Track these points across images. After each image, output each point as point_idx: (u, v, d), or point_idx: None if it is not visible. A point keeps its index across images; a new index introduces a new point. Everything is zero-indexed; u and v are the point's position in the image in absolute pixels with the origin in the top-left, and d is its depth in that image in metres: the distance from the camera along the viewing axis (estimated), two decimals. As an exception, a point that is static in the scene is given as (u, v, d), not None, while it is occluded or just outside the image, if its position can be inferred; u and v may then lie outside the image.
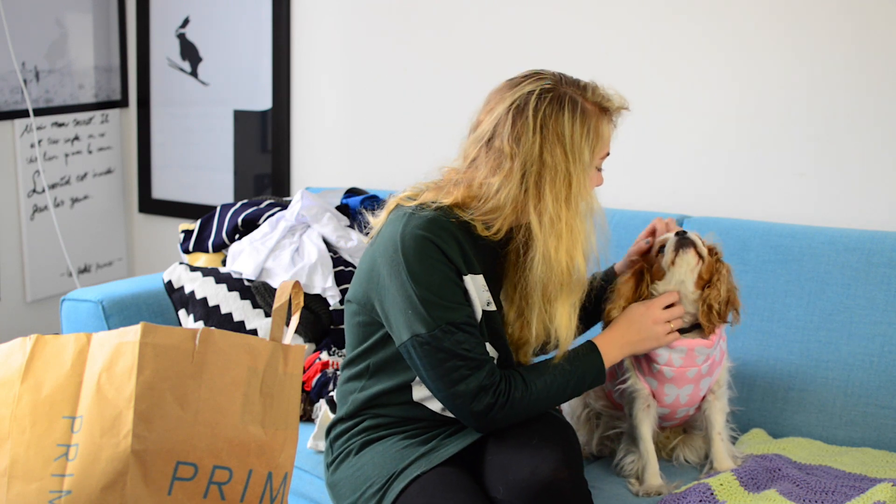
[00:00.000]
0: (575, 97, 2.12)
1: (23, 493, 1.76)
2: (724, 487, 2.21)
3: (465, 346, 2.10)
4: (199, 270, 2.95)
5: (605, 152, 2.18)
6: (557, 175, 2.09)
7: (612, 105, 2.16)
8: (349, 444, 2.24)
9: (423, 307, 2.09)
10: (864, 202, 2.79)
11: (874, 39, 2.75)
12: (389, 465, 2.15)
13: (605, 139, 2.16)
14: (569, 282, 2.13)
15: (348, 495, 2.19)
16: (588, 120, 2.12)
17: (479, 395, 2.11)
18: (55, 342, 1.82)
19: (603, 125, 2.14)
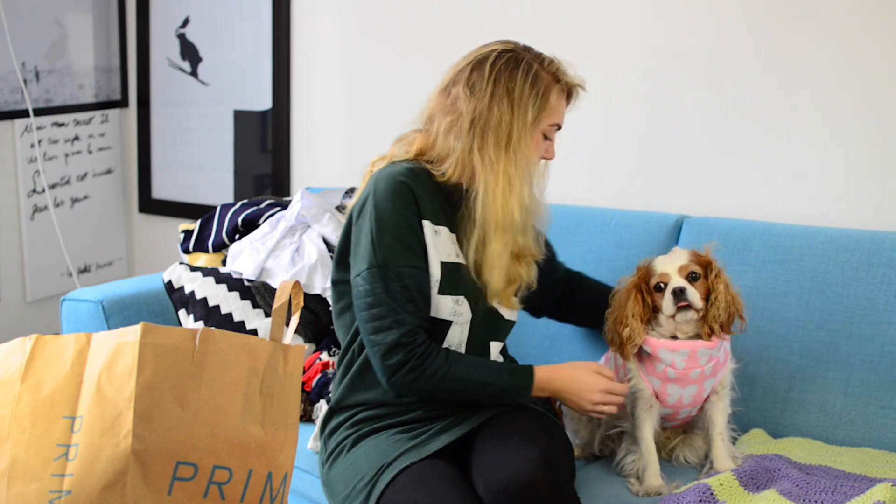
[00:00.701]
0: (532, 62, 2.26)
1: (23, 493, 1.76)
2: (723, 487, 2.21)
3: (401, 294, 2.16)
4: (199, 270, 2.95)
5: (555, 122, 2.28)
6: (501, 125, 2.21)
7: (564, 77, 2.29)
8: (344, 441, 2.26)
9: (374, 243, 2.18)
10: (864, 202, 2.79)
11: (874, 39, 2.75)
12: (379, 458, 2.17)
13: (553, 106, 2.26)
14: (501, 224, 2.21)
15: (341, 490, 2.21)
16: (538, 83, 2.24)
17: (393, 350, 2.16)
18: (55, 342, 1.82)
19: (553, 93, 2.26)
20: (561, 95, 2.28)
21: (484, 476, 2.08)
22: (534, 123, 2.23)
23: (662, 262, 2.35)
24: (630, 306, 2.32)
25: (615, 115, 3.11)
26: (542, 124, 2.25)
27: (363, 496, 2.14)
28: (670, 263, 2.34)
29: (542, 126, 2.25)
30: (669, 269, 2.33)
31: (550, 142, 2.30)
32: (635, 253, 2.80)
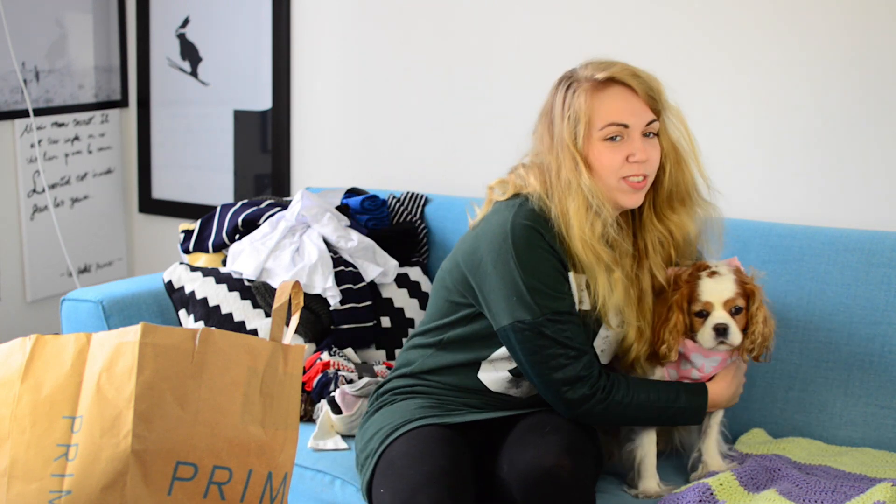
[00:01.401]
0: (570, 76, 2.20)
1: (23, 493, 1.76)
2: (723, 487, 2.21)
3: (566, 334, 2.15)
4: (200, 270, 2.95)
5: (605, 122, 2.15)
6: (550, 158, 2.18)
7: (598, 76, 2.16)
8: (394, 397, 2.33)
9: (529, 294, 2.14)
10: (864, 202, 2.79)
11: (874, 39, 2.75)
12: (410, 414, 2.24)
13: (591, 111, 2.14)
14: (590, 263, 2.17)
15: (368, 434, 2.27)
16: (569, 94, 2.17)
17: (575, 384, 2.16)
18: (55, 342, 1.82)
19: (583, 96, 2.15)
20: (596, 92, 2.15)
21: (509, 459, 2.12)
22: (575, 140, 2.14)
23: (709, 289, 2.24)
24: (671, 325, 2.24)
25: (615, 115, 3.11)
26: (592, 133, 2.14)
27: (379, 441, 2.20)
28: (717, 293, 2.24)
29: (593, 135, 2.14)
30: (715, 299, 2.24)
31: (623, 144, 2.15)
32: (635, 253, 2.80)
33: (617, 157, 2.14)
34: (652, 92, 2.16)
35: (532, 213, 2.17)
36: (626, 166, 2.14)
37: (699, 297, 2.23)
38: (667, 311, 2.24)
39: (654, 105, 2.17)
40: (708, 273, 2.25)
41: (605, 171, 2.14)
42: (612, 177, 2.15)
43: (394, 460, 2.14)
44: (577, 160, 2.13)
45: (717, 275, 2.25)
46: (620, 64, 2.17)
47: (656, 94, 2.17)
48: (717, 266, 2.28)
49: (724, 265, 2.29)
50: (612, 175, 2.15)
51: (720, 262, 2.31)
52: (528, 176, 2.22)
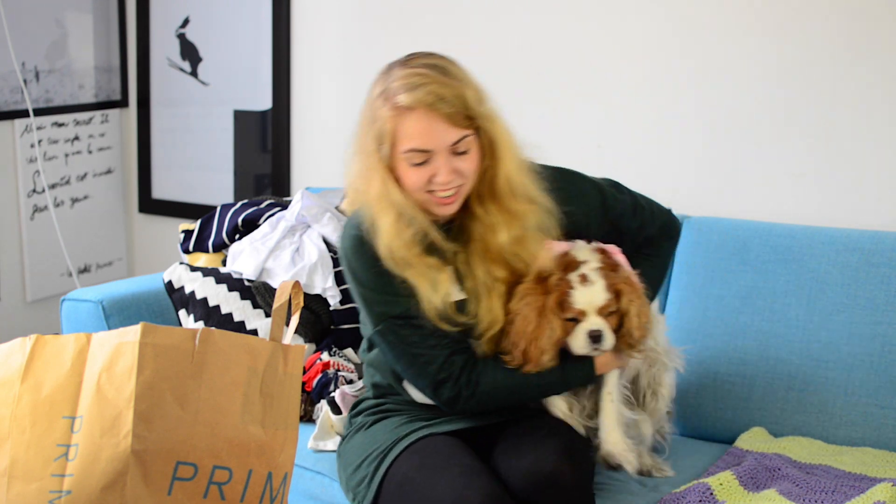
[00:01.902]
0: (391, 83, 2.08)
1: (23, 493, 1.76)
2: (723, 487, 2.21)
3: (411, 339, 2.14)
4: (200, 270, 2.95)
5: (407, 147, 2.06)
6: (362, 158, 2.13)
7: (401, 101, 2.05)
8: (367, 419, 2.30)
9: (366, 305, 2.17)
10: (864, 202, 2.79)
11: (875, 39, 2.74)
12: (397, 431, 2.21)
13: (395, 134, 2.06)
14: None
15: (354, 460, 2.24)
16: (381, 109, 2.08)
17: (439, 388, 2.16)
18: (55, 342, 1.82)
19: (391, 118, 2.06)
20: (400, 117, 2.05)
21: (507, 463, 2.11)
22: (378, 152, 2.08)
23: (581, 298, 2.15)
24: (548, 333, 2.14)
25: (615, 116, 3.11)
26: (396, 152, 2.07)
27: (374, 465, 2.18)
28: (590, 301, 2.15)
29: (398, 154, 2.07)
30: (588, 307, 2.15)
31: (427, 166, 2.07)
32: (635, 253, 2.80)
33: (421, 178, 2.08)
34: (459, 109, 2.05)
35: (360, 222, 2.14)
36: (431, 185, 2.09)
37: (571, 306, 2.15)
38: (539, 318, 2.13)
39: (463, 122, 2.06)
40: (579, 278, 2.15)
41: (412, 189, 2.09)
42: (420, 193, 2.10)
43: (409, 476, 2.11)
44: (385, 175, 2.09)
45: (588, 281, 2.15)
46: (428, 84, 2.04)
47: (465, 108, 2.06)
48: (585, 264, 2.17)
49: (592, 259, 2.18)
50: (419, 192, 2.09)
51: (586, 252, 2.20)
52: (350, 170, 2.20)
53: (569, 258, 2.19)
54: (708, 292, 2.71)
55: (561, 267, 2.17)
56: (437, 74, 2.06)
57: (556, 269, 2.17)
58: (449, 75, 2.07)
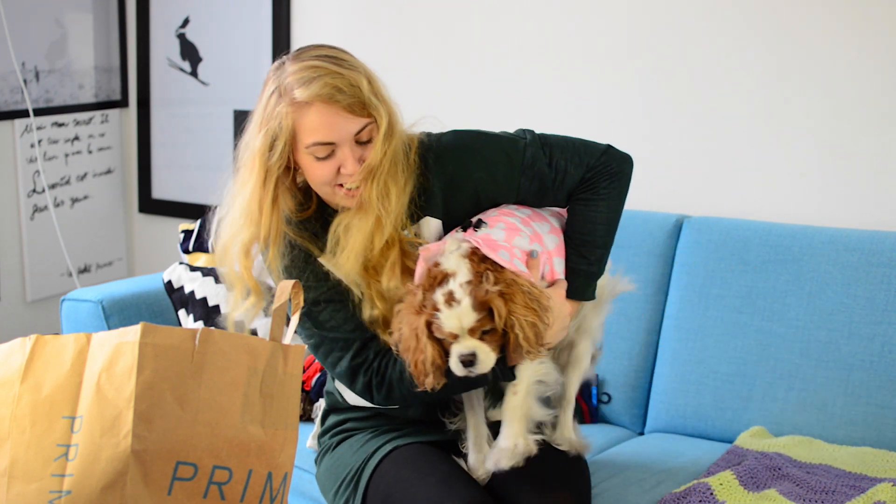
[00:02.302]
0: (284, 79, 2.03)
1: (23, 493, 1.76)
2: (723, 487, 2.21)
3: (330, 323, 2.11)
4: (199, 270, 2.95)
5: (310, 141, 2.01)
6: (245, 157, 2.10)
7: (297, 95, 2.01)
8: (331, 440, 2.28)
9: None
10: (864, 202, 2.79)
11: (876, 39, 2.75)
12: (365, 449, 2.18)
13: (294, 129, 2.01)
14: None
15: (330, 486, 2.23)
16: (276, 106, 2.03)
17: (353, 376, 2.12)
18: (55, 342, 1.82)
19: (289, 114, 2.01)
20: (297, 112, 2.01)
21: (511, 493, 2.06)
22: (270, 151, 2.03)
23: (449, 322, 1.98)
24: (430, 355, 1.99)
25: (615, 115, 3.11)
26: (298, 147, 2.03)
27: (351, 487, 2.16)
28: (458, 324, 1.98)
29: (300, 149, 2.03)
30: (458, 329, 1.98)
31: (333, 159, 2.03)
32: (635, 253, 2.80)
33: (328, 171, 2.03)
34: (357, 98, 2.01)
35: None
36: (339, 176, 2.04)
37: (441, 328, 1.98)
38: (418, 341, 2.00)
39: (361, 109, 2.03)
40: (444, 297, 1.97)
41: (317, 183, 2.06)
42: (326, 186, 2.06)
43: (388, 492, 2.08)
44: (254, 172, 2.05)
45: (454, 301, 1.97)
46: (323, 76, 2.00)
47: (362, 97, 2.02)
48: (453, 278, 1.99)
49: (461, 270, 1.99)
50: (325, 185, 2.06)
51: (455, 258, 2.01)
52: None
53: (437, 272, 2.00)
54: (708, 292, 2.71)
55: (428, 283, 2.01)
56: (330, 65, 2.02)
57: (424, 284, 2.01)
58: (342, 65, 2.04)
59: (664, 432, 2.74)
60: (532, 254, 2.07)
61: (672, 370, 2.73)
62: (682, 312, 2.74)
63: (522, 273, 2.02)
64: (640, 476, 2.40)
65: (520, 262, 2.04)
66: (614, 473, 2.39)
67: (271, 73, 2.08)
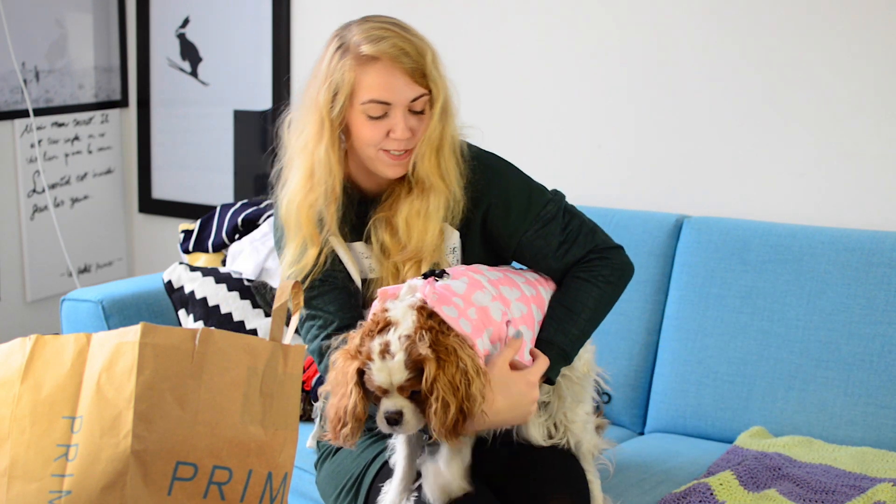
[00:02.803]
0: (342, 37, 2.07)
1: (23, 493, 1.76)
2: (723, 487, 2.21)
3: (315, 301, 2.12)
4: (199, 270, 2.95)
5: (366, 98, 2.02)
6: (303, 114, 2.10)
7: (364, 50, 2.03)
8: (331, 444, 2.26)
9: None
10: (864, 202, 2.79)
11: (876, 39, 2.75)
12: (364, 456, 2.17)
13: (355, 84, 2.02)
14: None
15: (331, 491, 2.21)
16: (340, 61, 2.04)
17: (320, 356, 2.12)
18: (55, 342, 1.82)
19: (352, 68, 2.02)
20: (361, 66, 2.02)
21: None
22: (332, 105, 2.04)
23: (380, 375, 1.87)
24: (354, 403, 1.90)
25: (615, 115, 3.11)
26: (354, 104, 2.04)
27: (352, 495, 2.15)
28: (387, 379, 1.88)
29: (356, 106, 2.04)
30: (388, 384, 1.88)
31: (384, 120, 2.04)
32: (635, 253, 2.80)
33: (377, 133, 2.04)
34: (419, 66, 2.04)
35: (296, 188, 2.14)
36: (386, 141, 2.05)
37: (371, 380, 1.89)
38: (345, 386, 1.91)
39: (421, 80, 2.05)
40: (380, 348, 1.87)
41: (363, 143, 2.06)
42: (372, 148, 2.06)
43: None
44: (323, 127, 2.06)
45: (388, 354, 1.87)
46: (391, 37, 2.04)
47: (424, 66, 2.05)
48: (394, 329, 1.89)
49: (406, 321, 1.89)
50: (371, 147, 2.06)
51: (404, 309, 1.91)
52: (285, 131, 2.19)
53: (381, 317, 1.91)
54: (708, 292, 2.71)
55: (368, 329, 1.91)
56: (399, 30, 2.07)
57: (365, 330, 1.92)
58: (410, 32, 2.08)
59: (664, 432, 2.74)
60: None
61: (672, 370, 2.73)
62: (682, 312, 2.74)
63: (469, 338, 1.89)
64: (640, 476, 2.40)
65: (466, 323, 1.91)
66: (614, 473, 2.39)
67: (335, 34, 2.11)
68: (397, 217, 2.10)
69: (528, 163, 3.20)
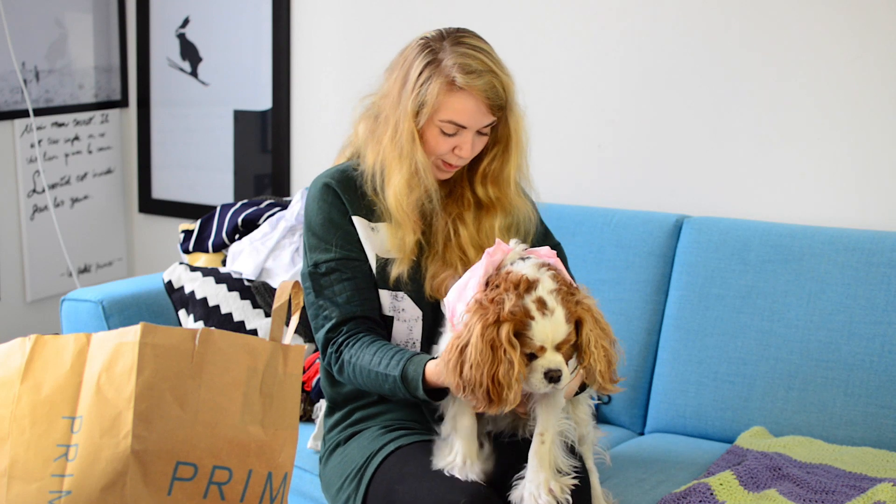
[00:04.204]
0: (437, 52, 2.18)
1: (23, 493, 1.76)
2: (723, 487, 2.21)
3: (334, 287, 2.19)
4: (199, 270, 2.95)
5: (446, 118, 2.16)
6: (389, 114, 2.20)
7: (458, 75, 2.15)
8: (339, 436, 2.28)
9: (306, 245, 2.24)
10: (864, 202, 2.79)
11: (875, 39, 2.75)
12: (370, 446, 2.18)
13: (440, 101, 2.15)
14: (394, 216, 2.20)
15: (335, 482, 2.22)
16: (430, 75, 2.16)
17: (325, 346, 2.20)
18: (55, 342, 1.82)
19: (439, 88, 2.14)
20: (450, 93, 2.15)
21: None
22: (416, 116, 2.17)
23: (542, 333, 1.88)
24: (516, 374, 1.87)
25: (615, 115, 3.11)
26: (433, 118, 2.17)
27: (355, 483, 2.16)
28: (551, 336, 1.89)
29: (434, 120, 2.17)
30: (549, 342, 1.89)
31: (455, 138, 2.18)
32: (635, 253, 2.81)
33: (445, 146, 2.19)
34: (501, 101, 2.19)
35: (336, 172, 2.27)
36: (450, 155, 2.20)
37: (530, 340, 1.88)
38: (496, 353, 1.87)
39: (498, 110, 2.20)
40: (537, 305, 1.88)
41: (430, 151, 2.20)
42: (434, 156, 2.21)
43: (392, 487, 2.08)
44: (415, 134, 2.18)
45: (548, 312, 1.88)
46: (486, 74, 2.16)
47: (505, 101, 2.21)
48: (539, 285, 1.90)
49: (544, 278, 1.91)
50: (434, 155, 2.21)
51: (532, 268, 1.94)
52: (359, 126, 2.30)
53: (516, 277, 1.92)
54: (708, 292, 2.71)
55: (512, 286, 1.91)
56: (493, 64, 2.19)
57: (508, 287, 1.91)
58: (501, 66, 2.21)
59: (664, 432, 2.74)
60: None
61: (672, 370, 2.73)
62: (682, 312, 2.74)
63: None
64: (640, 476, 2.40)
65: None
66: (614, 473, 2.39)
67: (425, 42, 2.22)
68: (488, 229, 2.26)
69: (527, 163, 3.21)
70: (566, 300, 1.90)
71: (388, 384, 2.11)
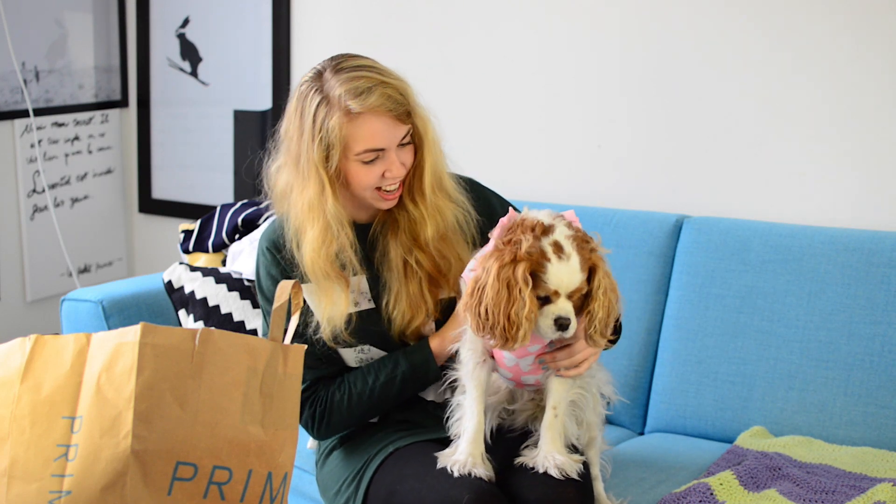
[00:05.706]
0: (321, 94, 2.09)
1: (23, 493, 1.76)
2: (723, 487, 2.21)
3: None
4: (199, 270, 2.95)
5: (361, 149, 2.07)
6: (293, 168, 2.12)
7: (353, 107, 2.06)
8: (335, 439, 2.28)
9: (262, 307, 2.23)
10: (864, 202, 2.79)
11: (876, 39, 2.75)
12: (368, 449, 2.18)
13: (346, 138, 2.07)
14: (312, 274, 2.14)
15: (332, 485, 2.22)
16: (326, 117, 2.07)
17: (303, 406, 2.18)
18: (55, 342, 1.82)
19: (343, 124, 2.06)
20: (351, 122, 2.06)
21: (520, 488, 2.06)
22: (327, 161, 2.07)
23: (558, 277, 1.89)
24: (527, 312, 1.87)
25: (615, 116, 3.11)
26: (348, 155, 2.08)
27: (353, 486, 2.16)
28: (566, 282, 1.90)
29: (350, 157, 2.08)
30: (563, 288, 1.91)
31: (378, 163, 2.10)
32: (635, 253, 2.80)
33: (374, 175, 2.11)
34: (405, 107, 2.11)
35: (273, 231, 2.20)
36: (383, 180, 2.12)
37: (545, 283, 1.89)
38: (511, 291, 1.88)
39: (406, 116, 2.12)
40: (553, 248, 1.90)
41: (362, 188, 2.12)
42: (368, 190, 2.13)
43: (393, 488, 2.08)
44: (324, 184, 2.10)
45: (564, 256, 1.90)
46: (375, 88, 2.07)
47: (408, 105, 2.12)
48: (554, 230, 1.92)
49: (559, 225, 1.93)
50: (367, 189, 2.13)
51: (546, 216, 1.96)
52: (276, 181, 2.19)
53: (531, 221, 1.93)
54: (708, 292, 2.71)
55: (529, 229, 1.91)
56: (377, 75, 2.10)
57: (525, 230, 1.91)
58: (389, 74, 2.13)
59: (664, 432, 2.74)
60: None
61: (672, 370, 2.73)
62: (682, 312, 2.74)
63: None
64: (640, 476, 2.40)
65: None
66: (614, 473, 2.39)
67: (309, 83, 2.12)
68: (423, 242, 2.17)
69: (528, 163, 3.21)
70: (581, 247, 1.91)
71: (395, 388, 2.15)
